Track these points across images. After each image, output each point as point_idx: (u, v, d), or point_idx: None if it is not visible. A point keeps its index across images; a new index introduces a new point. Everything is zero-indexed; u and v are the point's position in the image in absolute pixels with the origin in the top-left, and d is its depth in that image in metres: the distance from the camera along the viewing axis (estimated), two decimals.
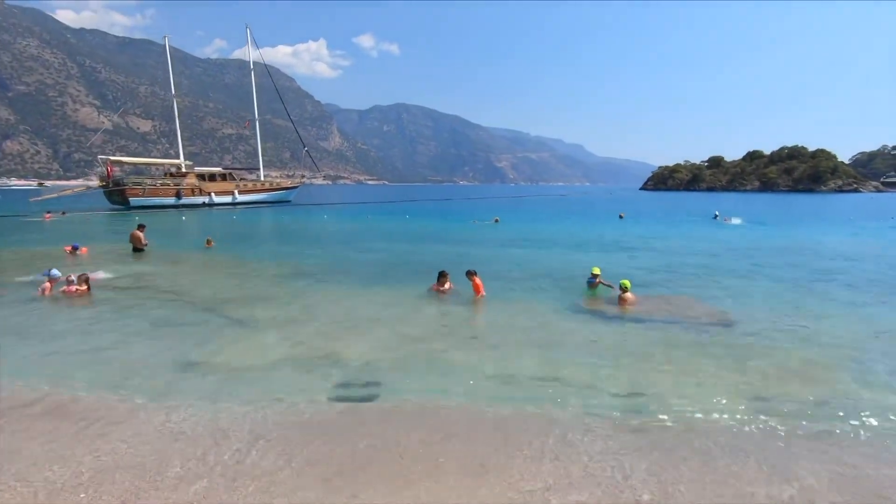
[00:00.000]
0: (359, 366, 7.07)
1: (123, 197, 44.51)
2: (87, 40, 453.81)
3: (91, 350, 7.71)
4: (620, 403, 5.99)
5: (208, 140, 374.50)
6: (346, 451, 4.82)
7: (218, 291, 11.96)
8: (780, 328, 9.19)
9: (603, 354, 7.71)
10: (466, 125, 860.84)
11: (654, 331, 8.96)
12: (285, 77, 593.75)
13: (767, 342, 8.33)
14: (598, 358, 7.52)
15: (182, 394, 6.10)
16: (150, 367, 6.98)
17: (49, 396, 6.01)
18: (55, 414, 5.55)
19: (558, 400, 6.04)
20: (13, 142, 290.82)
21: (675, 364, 7.29)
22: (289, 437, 5.07)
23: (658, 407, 5.88)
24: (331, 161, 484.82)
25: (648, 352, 7.84)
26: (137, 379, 6.55)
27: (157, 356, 7.40)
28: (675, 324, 9.39)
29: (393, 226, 33.42)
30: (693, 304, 11.11)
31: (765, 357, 7.59)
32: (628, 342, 8.31)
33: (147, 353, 7.57)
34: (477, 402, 5.94)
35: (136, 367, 6.98)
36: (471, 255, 18.49)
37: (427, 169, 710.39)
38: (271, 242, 24.18)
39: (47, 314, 9.78)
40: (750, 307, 10.79)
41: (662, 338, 8.55)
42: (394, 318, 9.49)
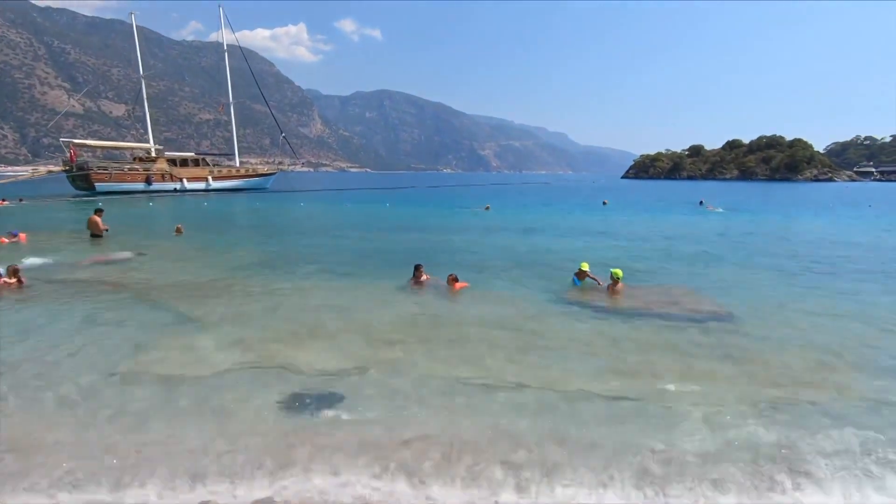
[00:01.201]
0: (315, 375, 6.09)
1: (89, 182, 42.28)
2: (55, 20, 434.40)
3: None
4: (616, 416, 5.17)
5: (185, 125, 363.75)
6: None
7: (172, 284, 10.83)
8: (783, 322, 8.51)
9: (592, 356, 6.90)
10: (450, 113, 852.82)
11: (650, 326, 8.18)
12: (264, 61, 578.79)
13: (771, 338, 7.63)
14: (585, 362, 6.70)
15: (92, 411, 5.07)
16: (64, 376, 5.89)
17: None
18: None
19: (541, 414, 5.18)
20: None
21: (676, 366, 6.51)
22: (207, 464, 4.12)
23: (659, 422, 5.07)
24: (312, 148, 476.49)
25: (644, 351, 7.05)
26: (41, 392, 5.48)
27: (77, 363, 6.31)
28: (672, 318, 8.64)
29: (372, 214, 32.28)
30: (688, 294, 10.43)
31: (772, 356, 6.87)
32: (622, 341, 7.50)
33: (66, 359, 6.46)
34: (439, 422, 5.04)
35: (44, 375, 5.90)
36: (453, 243, 17.63)
37: (410, 157, 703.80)
38: (242, 230, 22.90)
39: None
40: (745, 297, 10.15)
41: (659, 334, 7.78)
42: (362, 317, 8.53)
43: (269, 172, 57.93)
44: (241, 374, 6.05)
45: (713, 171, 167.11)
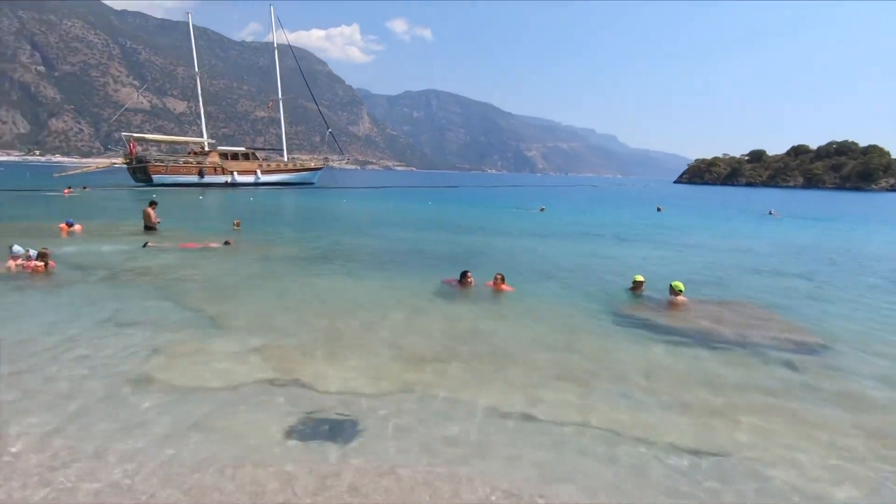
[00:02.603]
0: (334, 395, 5.34)
1: (146, 174, 44.21)
2: (129, 22, 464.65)
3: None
4: (684, 474, 4.13)
5: (242, 122, 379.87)
6: None
7: (203, 279, 10.51)
8: (880, 352, 7.10)
9: (654, 387, 5.82)
10: (497, 113, 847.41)
11: (722, 352, 6.99)
12: (318, 61, 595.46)
13: (879, 376, 6.27)
14: (646, 395, 5.63)
15: (90, 424, 4.52)
16: (65, 379, 5.42)
17: None
18: None
19: (592, 463, 4.21)
20: (59, 120, 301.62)
21: (757, 408, 5.36)
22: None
23: (738, 486, 4.00)
24: (360, 146, 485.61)
25: (716, 384, 5.92)
26: (34, 397, 5.00)
27: (85, 364, 5.84)
28: (748, 344, 7.39)
29: (415, 213, 31.73)
30: (763, 313, 9.09)
31: (887, 401, 5.57)
32: (689, 370, 6.37)
33: (70, 358, 6.01)
34: (472, 469, 4.16)
35: (42, 376, 5.45)
36: (499, 245, 16.72)
37: (456, 156, 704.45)
38: (283, 225, 22.87)
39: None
40: (835, 320, 8.72)
41: (733, 363, 6.59)
42: (395, 326, 7.77)
43: (316, 167, 58.79)
44: (254, 389, 5.41)
45: (775, 178, 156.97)
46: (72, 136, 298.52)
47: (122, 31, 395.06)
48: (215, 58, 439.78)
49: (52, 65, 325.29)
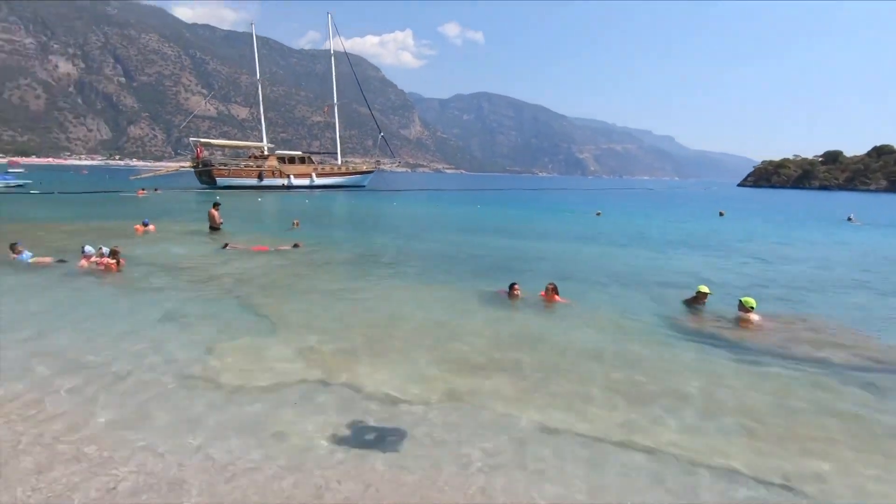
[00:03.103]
0: (381, 400, 5.33)
1: (211, 177, 46.82)
2: (199, 34, 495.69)
3: (66, 339, 6.68)
4: (742, 500, 3.76)
5: (299, 127, 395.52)
6: None
7: (259, 279, 10.88)
8: None
9: (713, 407, 5.41)
10: (549, 115, 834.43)
11: (799, 375, 6.40)
12: (372, 67, 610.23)
13: None
14: (710, 418, 5.22)
15: (145, 418, 4.72)
16: (124, 372, 5.71)
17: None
18: None
19: (637, 484, 3.92)
20: (136, 127, 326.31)
21: (838, 439, 4.83)
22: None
23: None
24: (411, 149, 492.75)
25: (785, 407, 5.42)
26: (92, 388, 5.28)
27: (142, 358, 6.14)
28: (829, 365, 6.74)
29: (464, 216, 31.66)
30: (838, 331, 8.27)
31: None
32: (758, 392, 5.87)
33: (131, 352, 6.34)
34: (518, 485, 3.98)
35: (104, 369, 5.77)
36: (550, 250, 16.30)
37: (506, 159, 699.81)
38: (336, 227, 23.44)
39: (53, 289, 9.13)
40: None
41: (811, 388, 6.02)
42: (443, 332, 7.69)
43: (368, 171, 60.10)
44: (302, 391, 5.49)
45: (853, 181, 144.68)
46: (147, 142, 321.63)
47: (193, 43, 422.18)
48: (276, 65, 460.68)
49: (132, 76, 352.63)
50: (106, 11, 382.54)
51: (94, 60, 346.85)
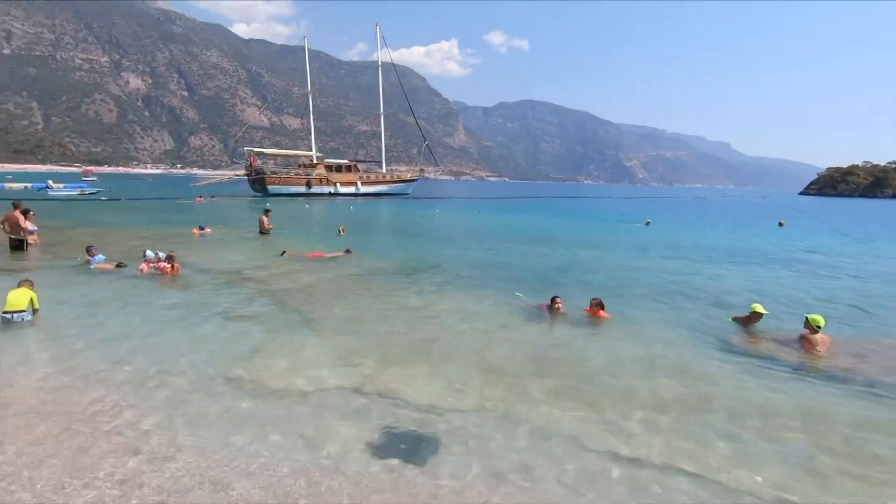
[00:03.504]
0: (416, 408, 5.33)
1: (263, 185, 48.87)
2: (255, 49, 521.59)
3: (122, 339, 7.05)
4: None
5: (346, 136, 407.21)
6: None
7: (307, 285, 11.20)
8: None
9: (768, 433, 5.05)
10: (595, 121, 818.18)
11: (872, 404, 5.88)
12: (417, 76, 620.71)
13: None
14: (759, 436, 4.88)
15: (191, 417, 4.91)
16: (173, 372, 5.98)
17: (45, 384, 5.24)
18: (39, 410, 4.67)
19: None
20: (196, 137, 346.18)
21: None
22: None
23: None
24: (455, 157, 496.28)
25: (865, 445, 4.96)
26: (144, 388, 5.55)
27: (195, 359, 6.41)
28: (893, 389, 6.15)
29: (506, 224, 31.43)
30: None
31: None
32: (824, 422, 5.43)
33: (183, 352, 6.65)
34: (545, 496, 3.84)
35: (154, 368, 6.05)
36: (594, 261, 15.86)
37: (550, 167, 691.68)
38: (379, 234, 23.82)
39: (115, 291, 9.71)
40: None
41: (875, 412, 5.52)
42: (481, 342, 7.61)
43: (412, 179, 60.92)
44: (339, 396, 5.57)
45: None
46: (206, 152, 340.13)
47: (249, 58, 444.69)
48: (325, 77, 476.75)
49: (194, 90, 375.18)
50: (172, 30, 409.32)
51: (161, 76, 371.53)
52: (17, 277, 9.71)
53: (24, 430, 4.58)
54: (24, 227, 13.54)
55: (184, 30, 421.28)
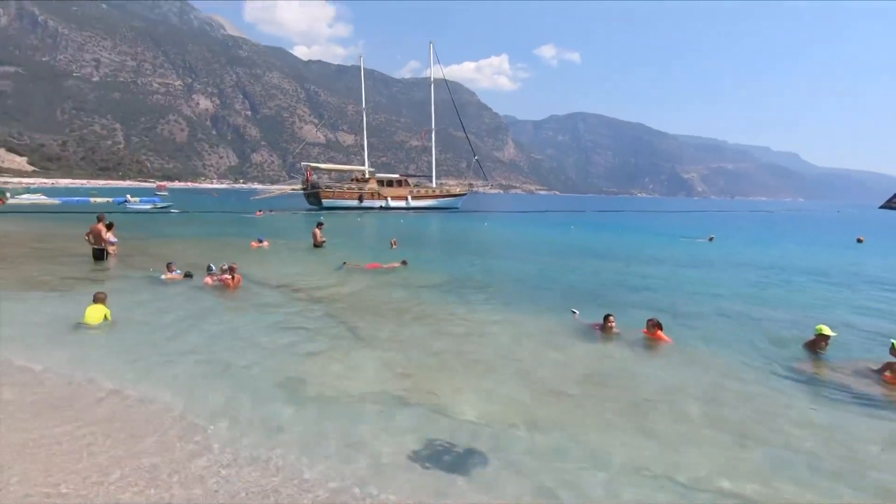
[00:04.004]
0: (463, 421, 5.34)
1: (318, 199, 50.81)
2: (313, 69, 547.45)
3: (189, 345, 7.46)
4: None
5: (398, 151, 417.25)
6: None
7: (357, 295, 11.54)
8: None
9: (838, 464, 4.63)
10: (650, 133, 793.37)
11: None
12: (467, 92, 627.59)
13: None
14: (837, 480, 4.49)
15: (244, 421, 5.12)
16: (227, 378, 6.29)
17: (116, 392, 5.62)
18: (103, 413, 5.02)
19: None
20: (258, 154, 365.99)
21: None
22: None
23: None
24: (504, 171, 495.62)
25: None
26: (204, 390, 5.83)
27: (251, 364, 6.74)
28: None
29: (556, 238, 30.92)
30: None
31: None
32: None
33: (239, 357, 7.00)
34: None
35: (213, 372, 6.37)
36: (650, 278, 15.24)
37: (602, 180, 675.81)
38: (428, 248, 24.08)
39: (181, 300, 10.38)
40: None
41: None
42: (529, 359, 7.52)
43: (461, 193, 61.36)
44: (387, 406, 5.67)
45: None
46: (266, 167, 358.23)
47: (308, 78, 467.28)
48: (378, 94, 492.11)
49: (257, 109, 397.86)
50: (239, 54, 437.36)
51: (228, 97, 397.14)
52: (98, 285, 10.54)
53: (106, 428, 4.96)
54: (105, 239, 14.75)
55: (249, 54, 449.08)
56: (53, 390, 5.78)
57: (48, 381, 6.03)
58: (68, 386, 5.91)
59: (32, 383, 5.95)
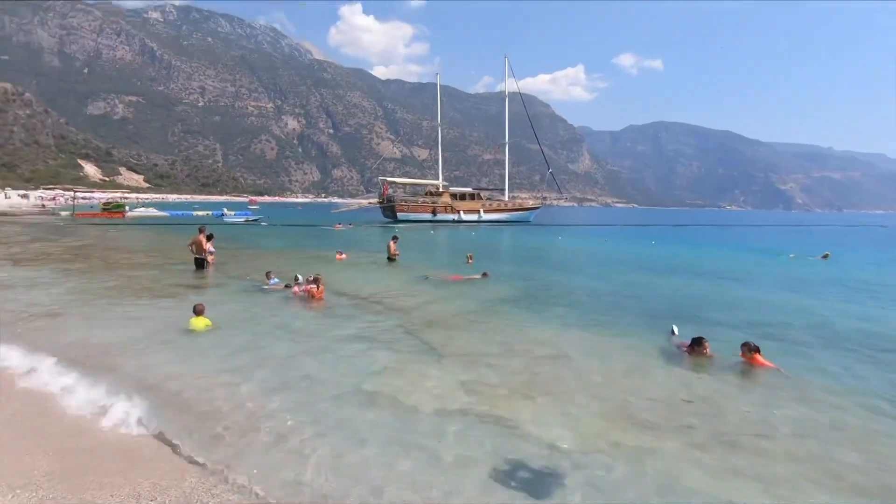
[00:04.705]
0: (537, 443, 5.14)
1: (393, 212, 52.51)
2: (391, 88, 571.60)
3: (278, 352, 7.85)
4: None
5: (471, 165, 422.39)
6: None
7: (431, 308, 11.65)
8: None
9: None
10: (741, 141, 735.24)
11: None
12: (541, 104, 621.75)
13: None
14: None
15: (323, 428, 5.27)
16: (305, 385, 6.54)
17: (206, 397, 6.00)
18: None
19: None
20: (339, 170, 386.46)
21: None
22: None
23: None
24: (578, 183, 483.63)
25: None
26: (283, 394, 6.08)
27: (331, 373, 6.98)
28: None
29: (636, 253, 29.38)
30: None
31: None
32: None
33: (320, 366, 7.27)
34: None
35: (295, 379, 6.64)
36: (745, 299, 13.96)
37: (686, 192, 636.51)
38: (501, 261, 23.89)
39: (271, 307, 11.04)
40: None
41: None
42: (609, 382, 7.12)
43: (534, 206, 60.58)
44: (461, 421, 5.61)
45: None
46: (345, 182, 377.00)
47: (385, 96, 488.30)
48: (453, 110, 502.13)
49: (338, 127, 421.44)
50: (323, 77, 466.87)
51: (312, 117, 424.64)
52: (201, 293, 11.52)
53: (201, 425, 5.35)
54: (206, 249, 16.17)
55: (332, 76, 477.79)
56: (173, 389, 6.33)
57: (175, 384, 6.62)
58: (178, 380, 6.47)
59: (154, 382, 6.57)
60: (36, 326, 9.16)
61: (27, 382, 6.50)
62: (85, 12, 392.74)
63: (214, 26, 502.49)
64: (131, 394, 5.97)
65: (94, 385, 6.26)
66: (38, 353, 7.39)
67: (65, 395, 6.07)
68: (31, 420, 5.47)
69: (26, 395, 6.13)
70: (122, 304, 11.07)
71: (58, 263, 17.05)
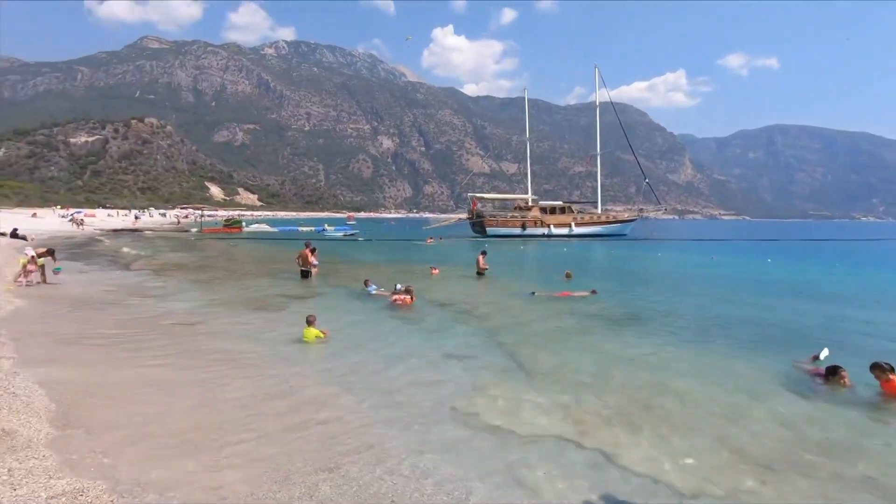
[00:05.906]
0: (639, 476, 4.81)
1: (482, 227, 52.80)
2: (480, 104, 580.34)
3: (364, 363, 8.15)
4: None
5: (561, 178, 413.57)
6: None
7: (521, 326, 11.47)
8: None
9: None
10: (877, 143, 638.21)
11: None
12: (638, 112, 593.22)
13: None
14: None
15: (418, 445, 5.37)
16: (394, 396, 6.71)
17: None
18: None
19: None
20: (430, 186, 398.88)
21: None
22: None
23: None
24: (679, 194, 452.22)
25: None
26: (375, 402, 6.27)
27: (422, 387, 7.12)
28: None
29: (749, 271, 26.59)
30: None
31: None
32: None
33: (408, 377, 7.46)
34: None
35: (378, 390, 6.86)
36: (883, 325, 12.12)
37: (808, 201, 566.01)
38: (596, 278, 22.90)
39: (370, 314, 11.68)
40: None
41: None
42: (719, 412, 6.49)
43: (629, 219, 57.57)
44: (555, 446, 5.43)
45: None
46: (436, 198, 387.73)
47: (475, 113, 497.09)
48: (542, 123, 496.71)
49: (429, 144, 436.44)
50: (416, 97, 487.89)
51: (406, 136, 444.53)
52: (307, 303, 12.44)
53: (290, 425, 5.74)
54: (310, 262, 17.50)
55: (424, 96, 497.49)
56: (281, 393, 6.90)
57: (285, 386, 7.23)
58: (285, 383, 7.03)
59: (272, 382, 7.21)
60: (181, 333, 10.36)
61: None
62: (214, 52, 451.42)
63: (320, 57, 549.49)
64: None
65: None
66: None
67: None
68: None
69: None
70: (237, 315, 12.27)
71: (191, 273, 19.51)
